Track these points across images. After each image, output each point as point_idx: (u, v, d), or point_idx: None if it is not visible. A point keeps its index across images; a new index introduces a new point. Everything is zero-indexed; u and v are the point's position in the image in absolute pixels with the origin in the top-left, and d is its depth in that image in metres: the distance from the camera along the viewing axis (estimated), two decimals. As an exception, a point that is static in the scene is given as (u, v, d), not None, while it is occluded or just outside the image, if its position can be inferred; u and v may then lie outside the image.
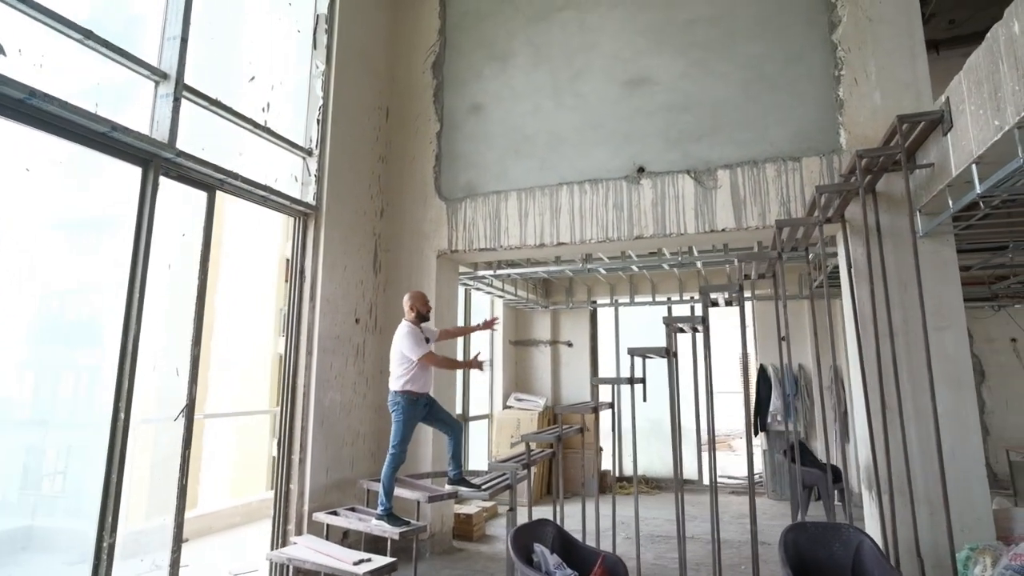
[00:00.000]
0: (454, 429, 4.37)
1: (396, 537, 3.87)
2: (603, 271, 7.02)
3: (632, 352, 4.01)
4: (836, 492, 6.55)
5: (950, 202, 3.46)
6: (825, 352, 7.84)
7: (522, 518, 4.01)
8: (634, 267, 6.52)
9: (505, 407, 9.21)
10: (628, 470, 9.18)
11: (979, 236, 4.58)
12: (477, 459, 8.50)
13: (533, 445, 4.46)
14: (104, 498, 3.06)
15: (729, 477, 9.60)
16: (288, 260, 4.95)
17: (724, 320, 10.24)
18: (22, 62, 2.88)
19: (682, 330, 4.39)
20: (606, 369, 9.98)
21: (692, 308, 8.83)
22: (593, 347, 10.08)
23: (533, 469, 4.65)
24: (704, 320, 3.83)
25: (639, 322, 9.88)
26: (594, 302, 9.65)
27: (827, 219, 3.82)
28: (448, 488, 4.30)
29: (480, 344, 9.29)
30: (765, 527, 6.51)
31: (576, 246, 5.26)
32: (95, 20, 3.37)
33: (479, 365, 4.49)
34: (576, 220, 5.23)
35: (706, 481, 9.21)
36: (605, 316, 10.09)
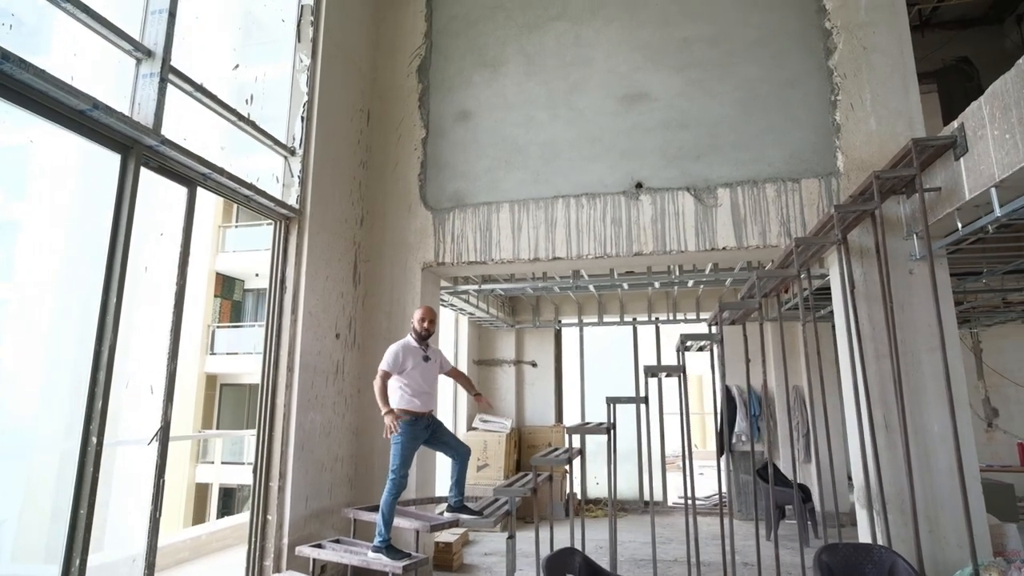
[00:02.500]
0: (460, 453, 4.07)
1: (399, 572, 3.49)
2: (593, 288, 6.91)
3: (647, 370, 3.88)
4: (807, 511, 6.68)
5: (959, 225, 3.58)
6: (790, 373, 8.10)
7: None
8: (625, 284, 6.44)
9: (470, 428, 8.88)
10: (592, 493, 9.05)
11: (959, 261, 4.83)
12: (443, 485, 8.11)
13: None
14: (71, 537, 2.56)
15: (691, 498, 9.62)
16: (217, 272, 4.51)
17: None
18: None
19: (688, 349, 4.31)
20: (570, 390, 9.87)
21: (718, 324, 8.85)
22: (558, 368, 9.96)
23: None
24: (720, 338, 3.75)
25: (603, 343, 9.85)
26: (560, 321, 9.54)
27: (837, 239, 3.87)
28: (448, 516, 3.97)
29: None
30: (740, 547, 6.52)
31: (572, 261, 5.12)
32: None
33: (391, 428, 3.78)
34: (573, 234, 5.10)
35: (670, 502, 9.23)
36: (569, 336, 10.00)
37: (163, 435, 3.12)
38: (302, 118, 4.81)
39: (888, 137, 4.41)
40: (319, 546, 3.91)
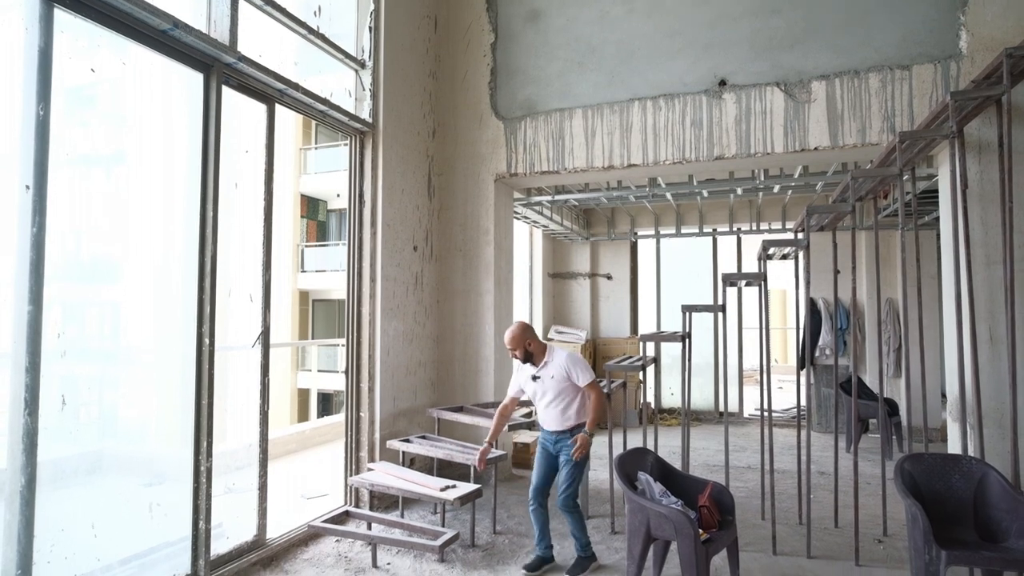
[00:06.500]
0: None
1: (479, 466, 3.79)
2: (670, 196, 6.65)
3: (726, 279, 3.77)
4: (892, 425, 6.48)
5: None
6: (884, 286, 7.58)
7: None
8: (705, 192, 6.15)
9: (546, 339, 9.12)
10: (668, 403, 9.17)
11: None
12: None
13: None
14: (197, 424, 2.97)
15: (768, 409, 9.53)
16: (302, 195, 4.62)
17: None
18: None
19: (770, 257, 4.12)
20: (646, 303, 9.80)
21: (801, 232, 8.48)
22: (633, 280, 9.85)
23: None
24: (807, 246, 3.54)
25: (681, 255, 9.57)
26: (636, 233, 9.32)
27: (951, 132, 3.43)
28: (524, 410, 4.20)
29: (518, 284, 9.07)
30: (817, 457, 6.49)
31: (649, 167, 4.92)
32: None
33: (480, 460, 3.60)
34: (649, 139, 4.86)
35: (746, 414, 9.21)
36: (645, 249, 9.78)
37: (264, 338, 3.45)
38: (370, 28, 4.75)
39: (1028, 7, 3.76)
40: (407, 441, 4.28)
